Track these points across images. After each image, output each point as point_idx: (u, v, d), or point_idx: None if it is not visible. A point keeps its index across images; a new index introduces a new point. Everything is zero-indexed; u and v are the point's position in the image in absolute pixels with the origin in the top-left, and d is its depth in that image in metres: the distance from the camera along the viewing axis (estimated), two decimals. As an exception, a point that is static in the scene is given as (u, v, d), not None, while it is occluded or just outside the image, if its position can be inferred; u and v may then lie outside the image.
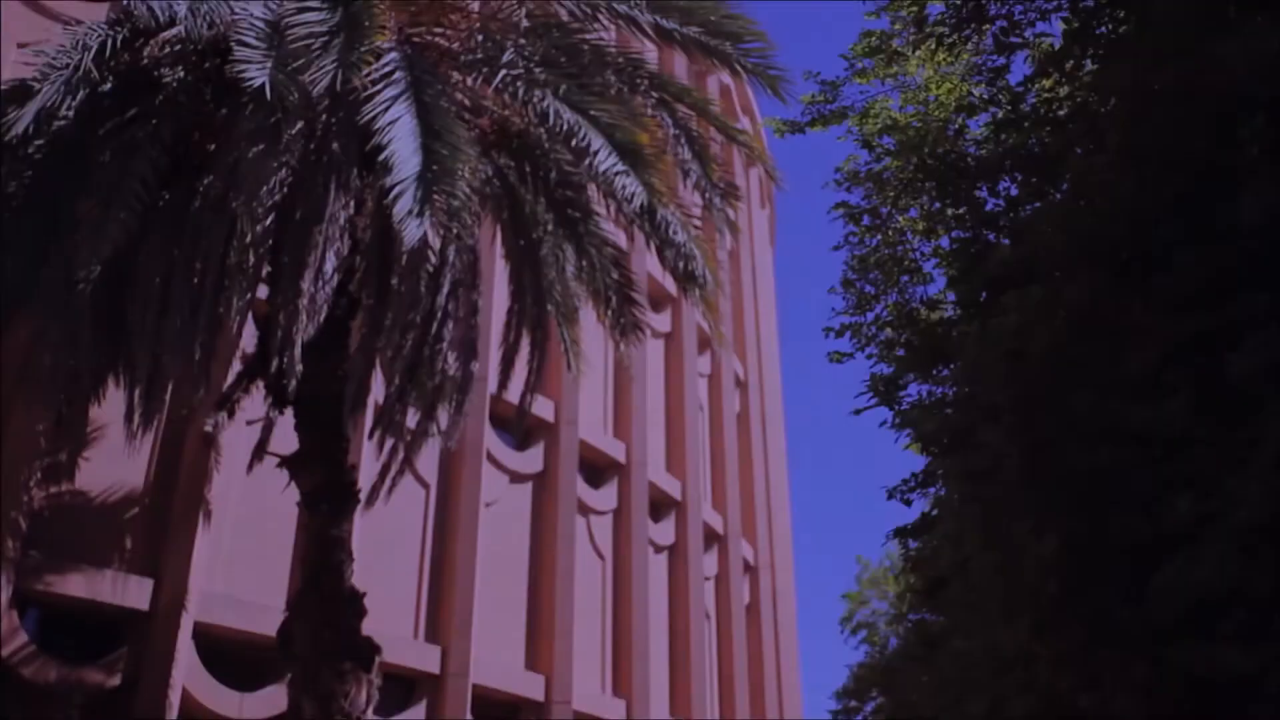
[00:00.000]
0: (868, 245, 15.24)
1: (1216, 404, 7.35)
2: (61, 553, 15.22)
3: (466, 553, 19.39)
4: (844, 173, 16.13)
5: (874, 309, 15.29)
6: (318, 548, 12.83)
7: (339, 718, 12.06)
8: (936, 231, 14.68)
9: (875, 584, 24.26)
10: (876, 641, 21.85)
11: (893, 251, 15.25)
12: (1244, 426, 6.96)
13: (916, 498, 15.00)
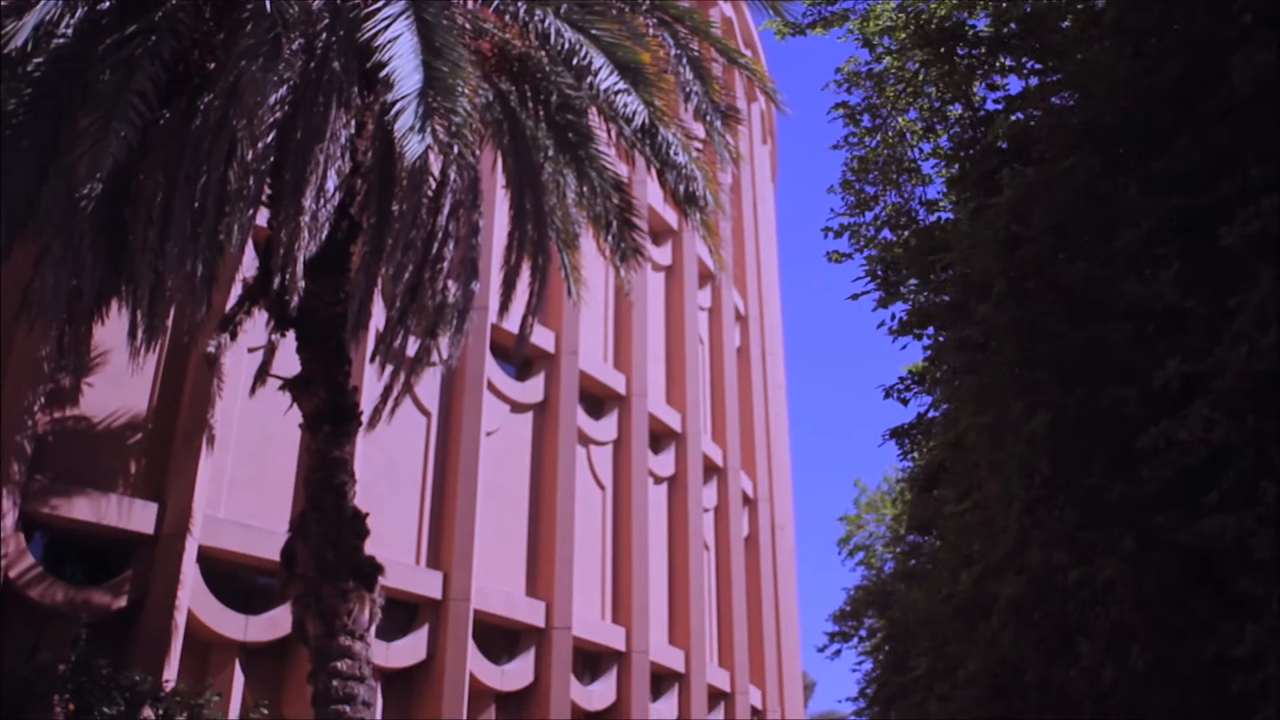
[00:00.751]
0: (867, 146, 15.17)
1: (1207, 277, 7.39)
2: (67, 477, 15.33)
3: (468, 481, 19.52)
4: (844, 73, 16.01)
5: (873, 209, 15.26)
6: (320, 468, 12.91)
7: (342, 635, 12.18)
8: (935, 132, 14.62)
9: (873, 507, 24.43)
10: (874, 564, 22.04)
11: (892, 152, 15.18)
12: (1234, 295, 7.00)
13: (912, 397, 15.05)
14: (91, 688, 12.75)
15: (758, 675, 28.19)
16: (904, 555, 19.16)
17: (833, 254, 16.05)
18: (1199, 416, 6.73)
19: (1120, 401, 7.53)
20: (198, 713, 13.30)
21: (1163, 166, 8.16)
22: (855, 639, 24.40)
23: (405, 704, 18.24)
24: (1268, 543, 6.13)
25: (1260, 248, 6.93)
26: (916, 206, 15.07)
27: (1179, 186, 8.07)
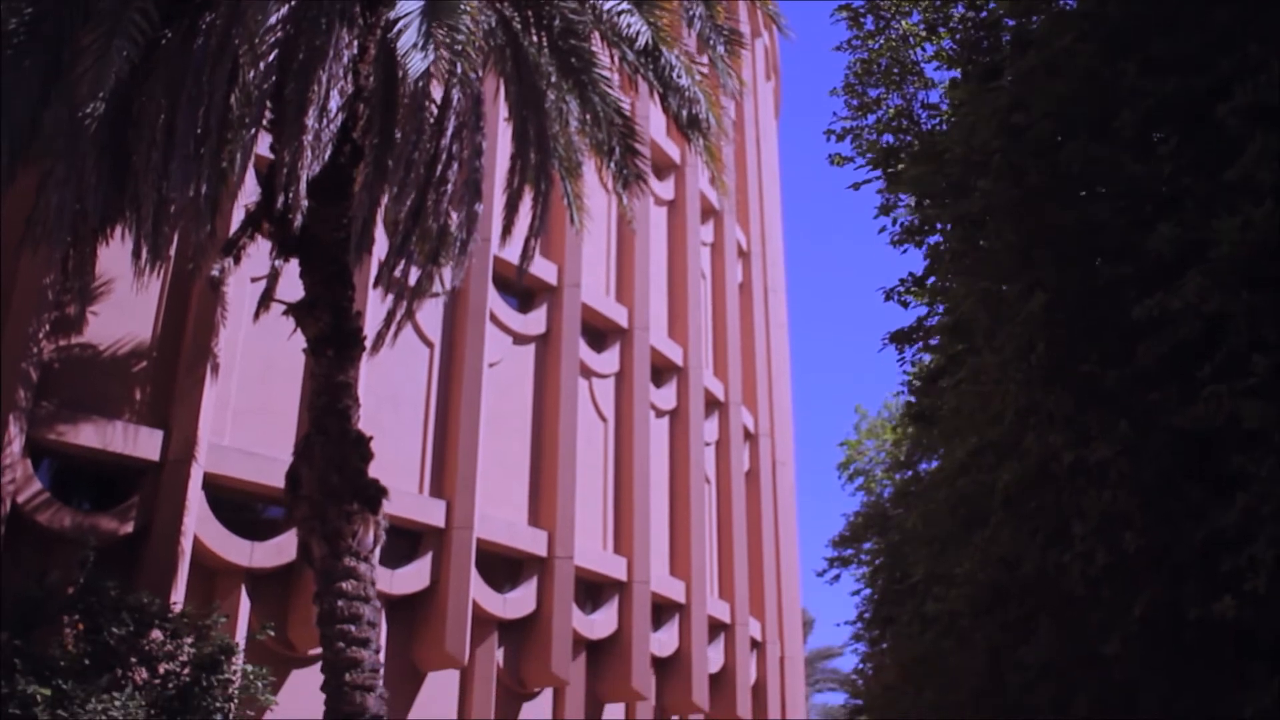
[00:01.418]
0: (870, 49, 15.08)
1: (1204, 156, 7.40)
2: (72, 404, 15.43)
3: (470, 411, 19.62)
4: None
5: (875, 113, 15.20)
6: (324, 393, 13.00)
7: (347, 556, 12.33)
8: (939, 35, 14.52)
9: (873, 434, 24.60)
10: (873, 489, 22.23)
11: (895, 55, 15.08)
12: (1230, 168, 7.01)
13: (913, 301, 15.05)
14: (100, 608, 12.89)
15: (757, 608, 28.46)
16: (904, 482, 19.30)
17: (835, 157, 15.98)
18: (1193, 285, 6.76)
19: (1117, 279, 7.57)
20: (205, 634, 13.46)
21: (1163, 48, 8.12)
22: (854, 564, 24.63)
23: (409, 630, 18.47)
24: (1258, 413, 6.19)
25: (1254, 121, 6.93)
26: (919, 111, 14.99)
27: (1179, 68, 8.03)
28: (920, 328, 14.62)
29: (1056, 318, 7.80)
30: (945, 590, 10.42)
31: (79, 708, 11.60)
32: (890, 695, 16.89)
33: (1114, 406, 7.09)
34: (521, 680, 20.31)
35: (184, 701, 12.88)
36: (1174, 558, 6.44)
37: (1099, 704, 7.23)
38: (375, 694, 12.11)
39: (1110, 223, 7.81)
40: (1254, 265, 6.68)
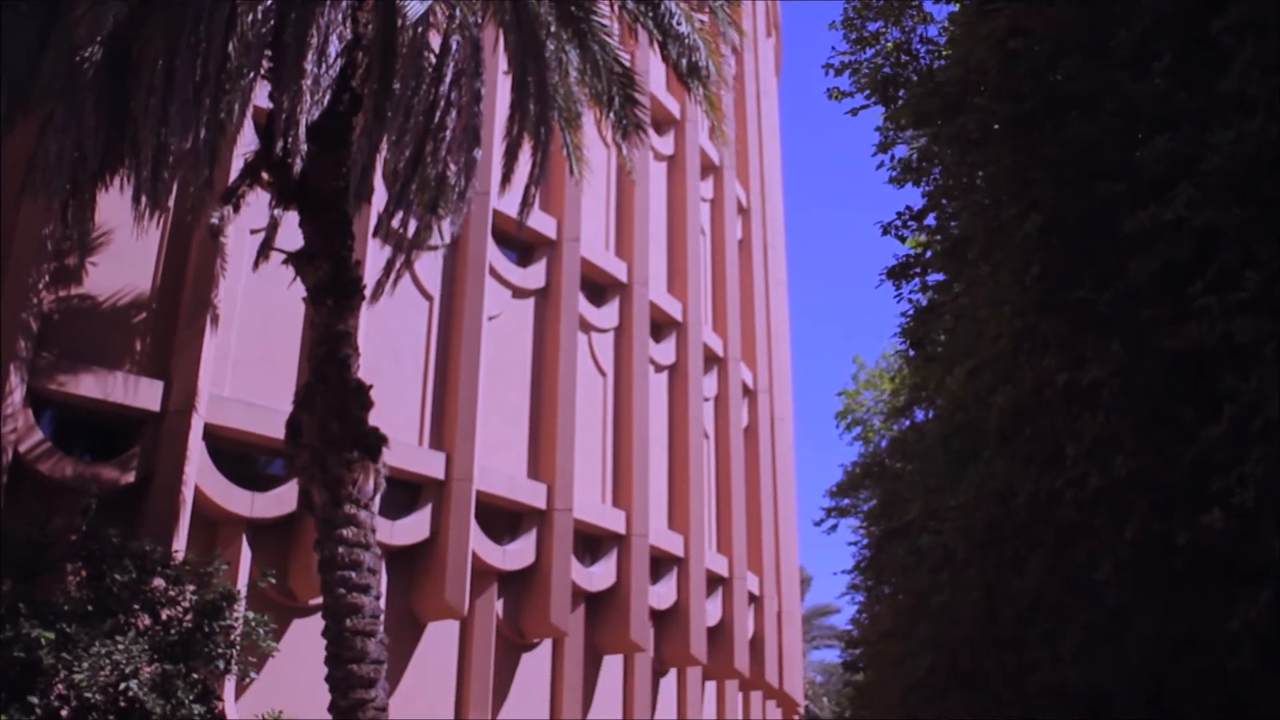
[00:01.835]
0: None
1: (1199, 73, 7.39)
2: (73, 354, 15.49)
3: (470, 364, 19.67)
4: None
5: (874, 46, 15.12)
6: (323, 342, 13.05)
7: (348, 504, 12.42)
8: None
9: (871, 384, 24.68)
10: (870, 438, 22.33)
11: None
12: (1225, 80, 7.01)
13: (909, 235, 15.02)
14: (102, 555, 13.00)
15: (755, 563, 28.65)
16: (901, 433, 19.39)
17: (833, 91, 15.91)
18: (1184, 196, 6.77)
19: (1112, 198, 7.58)
20: (206, 581, 13.57)
21: None
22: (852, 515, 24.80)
23: (409, 581, 18.61)
24: (1250, 327, 6.22)
25: (1247, 35, 6.91)
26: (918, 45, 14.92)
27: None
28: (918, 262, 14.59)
29: (1052, 240, 7.82)
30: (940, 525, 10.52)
31: (83, 651, 11.73)
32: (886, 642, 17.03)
33: (1107, 330, 7.12)
34: (521, 631, 20.48)
35: (186, 647, 13.01)
36: (1165, 481, 6.49)
37: (1090, 633, 7.33)
38: (376, 639, 12.23)
39: (1106, 142, 7.80)
40: (1247, 180, 6.69)
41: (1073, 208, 7.85)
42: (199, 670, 13.08)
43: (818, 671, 57.19)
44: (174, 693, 12.37)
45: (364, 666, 12.03)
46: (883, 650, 17.37)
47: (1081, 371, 6.99)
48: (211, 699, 13.17)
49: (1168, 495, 6.45)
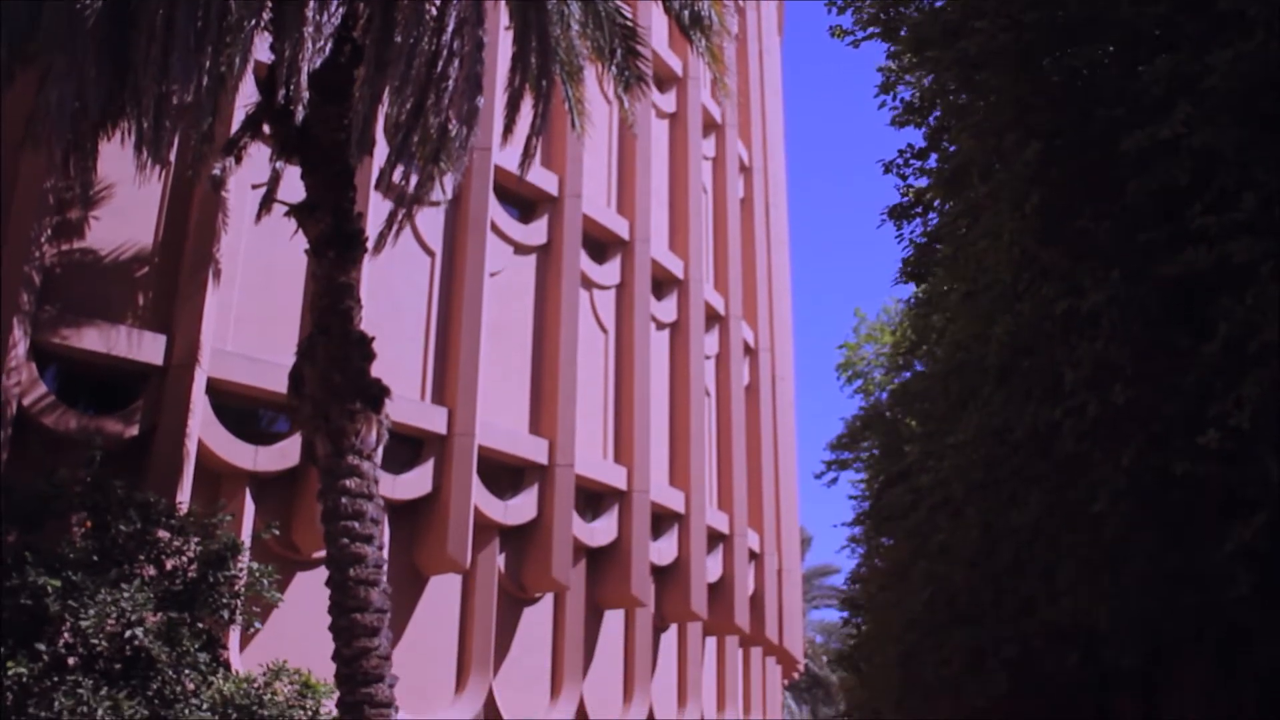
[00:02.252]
0: None
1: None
2: (75, 308, 15.53)
3: (471, 320, 19.71)
4: None
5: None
6: (326, 294, 13.08)
7: (350, 455, 12.49)
8: None
9: (872, 337, 24.75)
10: (871, 391, 22.41)
11: None
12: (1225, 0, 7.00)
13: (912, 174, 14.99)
14: (107, 505, 13.08)
15: (756, 520, 28.78)
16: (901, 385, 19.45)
17: (835, 29, 15.84)
18: (1181, 113, 6.77)
19: (1111, 122, 7.58)
20: (210, 532, 13.66)
21: None
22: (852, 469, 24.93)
23: (411, 535, 18.73)
24: (1247, 247, 6.24)
25: None
26: None
27: None
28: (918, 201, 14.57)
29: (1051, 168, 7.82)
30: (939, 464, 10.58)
31: (88, 598, 11.82)
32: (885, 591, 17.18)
33: (1107, 258, 7.13)
34: (522, 585, 20.62)
35: (191, 597, 13.11)
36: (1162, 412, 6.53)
37: (1087, 566, 7.39)
38: (379, 589, 12.33)
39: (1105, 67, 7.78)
40: (1246, 100, 6.68)
41: (1072, 134, 7.84)
42: (204, 620, 13.20)
43: (818, 631, 57.51)
44: (179, 641, 12.48)
45: (367, 615, 12.13)
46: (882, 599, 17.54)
47: (1081, 299, 7.01)
48: (217, 647, 13.29)
49: (1165, 425, 6.49)
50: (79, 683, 11.62)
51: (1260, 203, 6.34)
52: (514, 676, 20.20)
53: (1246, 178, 6.57)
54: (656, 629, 24.07)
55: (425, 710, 17.92)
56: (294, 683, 13.72)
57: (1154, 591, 6.96)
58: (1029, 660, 9.78)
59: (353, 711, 11.87)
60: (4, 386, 14.35)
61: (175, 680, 12.47)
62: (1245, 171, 6.58)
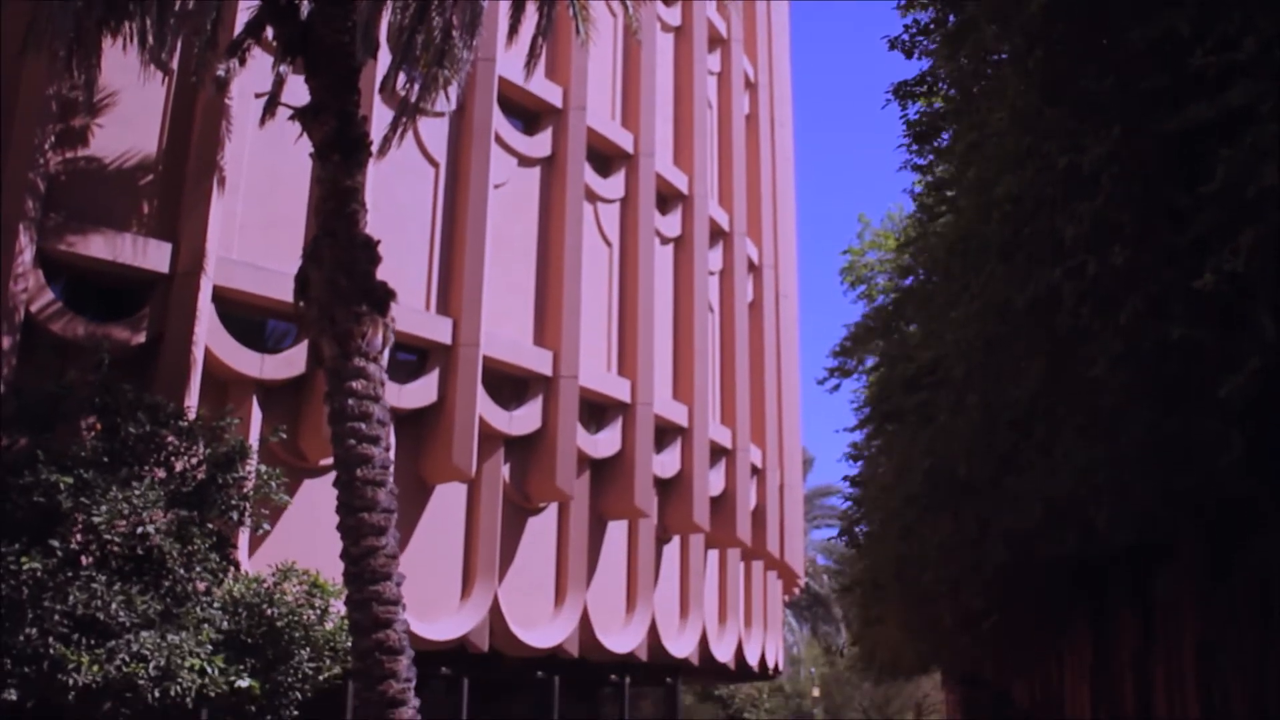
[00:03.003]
0: None
1: None
2: (80, 216, 15.55)
3: (476, 231, 19.72)
4: None
5: None
6: (331, 197, 13.08)
7: (357, 357, 12.56)
8: None
9: (876, 244, 24.76)
10: (874, 296, 22.47)
11: None
12: None
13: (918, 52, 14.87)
14: (116, 408, 13.20)
15: (758, 436, 28.99)
16: (902, 292, 19.47)
17: None
18: None
19: None
20: (218, 435, 13.81)
21: None
22: (854, 376, 25.10)
23: (417, 444, 18.90)
24: (1247, 90, 6.23)
25: None
26: None
27: None
28: (923, 80, 14.43)
29: (1055, 24, 7.74)
30: (940, 341, 10.66)
31: (100, 496, 11.99)
32: (885, 475, 17.37)
33: (1108, 116, 7.08)
34: (527, 495, 20.84)
35: (200, 499, 13.29)
36: (1161, 275, 6.57)
37: (1085, 436, 7.48)
38: (385, 489, 12.46)
39: None
40: None
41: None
42: (213, 521, 13.38)
43: (818, 551, 58.05)
44: (190, 539, 12.68)
45: (374, 515, 12.27)
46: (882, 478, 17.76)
47: (1082, 155, 6.99)
48: (226, 547, 13.50)
49: (1163, 289, 6.53)
50: (93, 578, 11.83)
51: (1261, 46, 6.29)
52: (519, 584, 20.49)
53: (1248, 24, 6.51)
54: (659, 541, 24.35)
55: (431, 616, 18.21)
56: (303, 583, 13.98)
57: (1150, 459, 7.05)
58: (1027, 544, 9.93)
59: (361, 608, 12.05)
60: (11, 293, 14.42)
61: (186, 579, 12.69)
62: (1247, 19, 6.52)
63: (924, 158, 14.97)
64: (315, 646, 13.63)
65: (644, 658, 23.23)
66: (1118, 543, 9.27)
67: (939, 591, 14.12)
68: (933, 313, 12.06)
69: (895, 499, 14.22)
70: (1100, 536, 8.68)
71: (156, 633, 11.96)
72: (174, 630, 12.13)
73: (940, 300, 11.32)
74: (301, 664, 13.44)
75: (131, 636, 11.80)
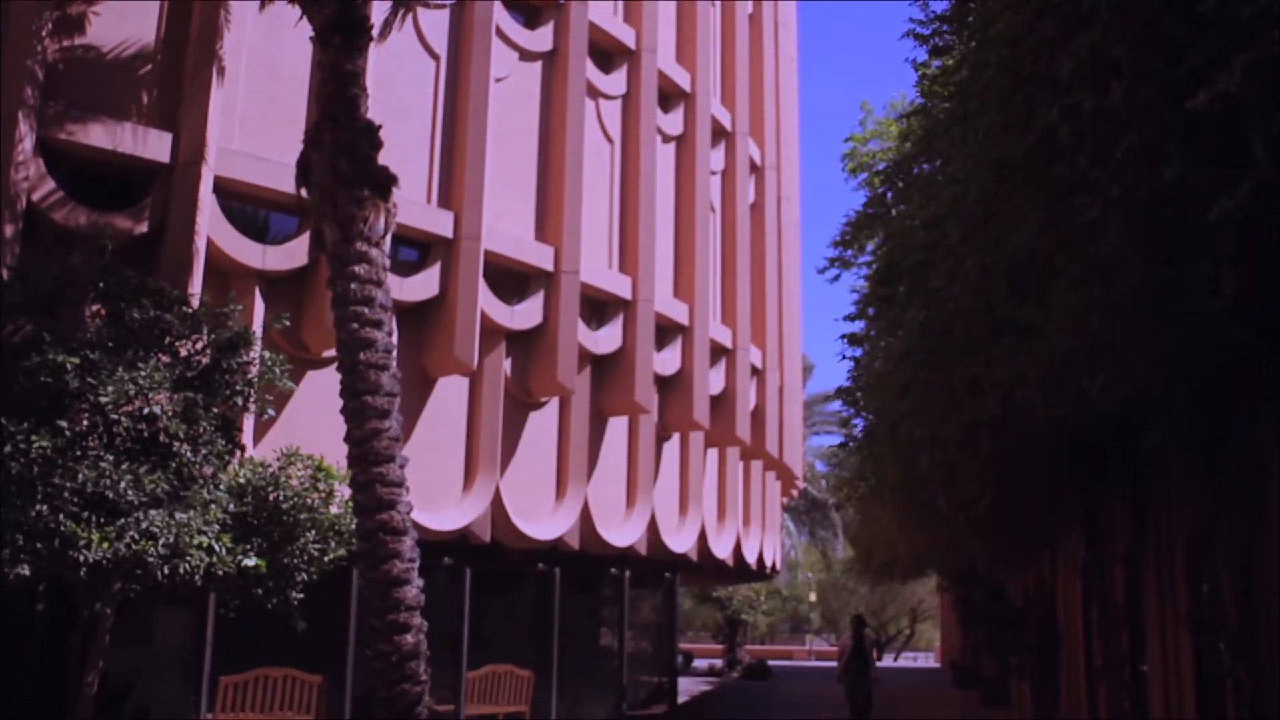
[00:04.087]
0: None
1: None
2: (80, 104, 15.51)
3: (477, 124, 19.66)
4: None
5: None
6: (332, 81, 13.05)
7: (359, 241, 12.61)
8: None
9: (878, 133, 24.69)
10: (875, 185, 22.45)
11: None
12: None
13: None
14: (120, 293, 13.26)
15: (759, 337, 29.16)
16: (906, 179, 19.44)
17: None
18: None
19: None
20: (222, 322, 13.89)
21: None
22: (855, 269, 25.19)
23: (419, 338, 19.02)
24: None
25: None
26: None
27: None
28: None
29: None
30: (937, 199, 10.71)
31: (106, 376, 12.10)
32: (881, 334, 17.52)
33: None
34: (528, 390, 21.02)
35: (205, 383, 13.41)
36: (1158, 116, 6.58)
37: (1080, 284, 7.55)
38: (389, 373, 12.59)
39: None
40: None
41: None
42: (218, 406, 13.52)
43: (817, 457, 58.56)
44: (196, 420, 12.84)
45: (378, 398, 12.42)
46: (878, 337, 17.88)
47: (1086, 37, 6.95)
48: (232, 430, 13.66)
49: (1161, 129, 6.54)
50: (101, 457, 11.99)
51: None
52: (520, 478, 20.75)
53: None
54: (659, 438, 24.60)
55: (434, 507, 18.47)
56: (307, 467, 14.17)
57: (1142, 312, 7.12)
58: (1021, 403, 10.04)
59: (364, 490, 12.25)
60: (13, 180, 14.43)
61: (193, 462, 12.86)
62: None
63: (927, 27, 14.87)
64: (320, 529, 13.85)
65: (644, 552, 23.60)
66: (1109, 408, 9.39)
67: (935, 476, 14.32)
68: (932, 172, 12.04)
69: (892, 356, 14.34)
70: (1094, 401, 8.79)
71: (165, 511, 12.14)
72: (182, 509, 12.32)
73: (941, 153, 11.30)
74: (307, 545, 13.67)
75: (140, 514, 11.97)
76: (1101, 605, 19.40)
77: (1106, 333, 7.56)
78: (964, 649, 46.22)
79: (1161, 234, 6.82)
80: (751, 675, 45.14)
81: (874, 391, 18.21)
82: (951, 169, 10.15)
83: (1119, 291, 7.17)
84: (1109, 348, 7.83)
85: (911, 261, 12.58)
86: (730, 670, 47.81)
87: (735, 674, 46.74)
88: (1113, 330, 7.57)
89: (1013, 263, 8.78)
